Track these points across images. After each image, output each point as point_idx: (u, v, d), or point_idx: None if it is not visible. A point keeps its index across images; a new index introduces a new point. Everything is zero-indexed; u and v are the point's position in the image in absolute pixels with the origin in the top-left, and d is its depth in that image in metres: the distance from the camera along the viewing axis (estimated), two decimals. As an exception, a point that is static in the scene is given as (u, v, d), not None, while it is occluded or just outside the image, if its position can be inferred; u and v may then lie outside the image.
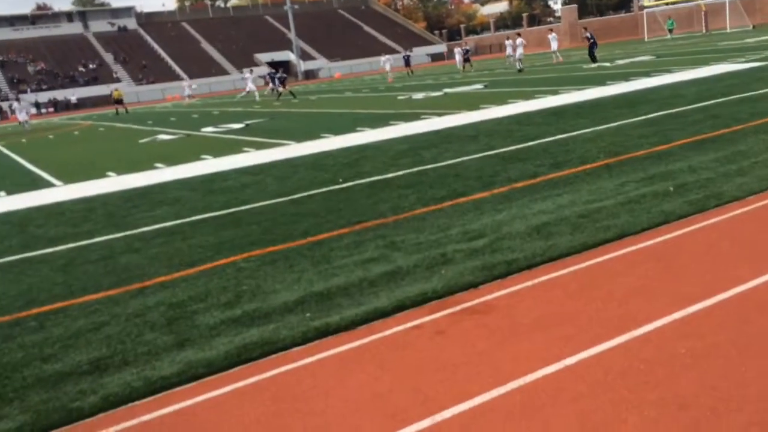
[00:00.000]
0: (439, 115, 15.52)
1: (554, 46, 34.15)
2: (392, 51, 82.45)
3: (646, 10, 55.18)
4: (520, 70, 29.26)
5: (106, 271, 5.94)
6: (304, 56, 74.00)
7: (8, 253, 7.00)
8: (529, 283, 4.49)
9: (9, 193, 11.57)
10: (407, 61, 45.58)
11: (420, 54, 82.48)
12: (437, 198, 7.16)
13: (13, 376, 3.93)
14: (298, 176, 9.68)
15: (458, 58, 41.14)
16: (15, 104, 32.48)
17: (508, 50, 35.15)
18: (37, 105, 60.05)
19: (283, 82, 33.63)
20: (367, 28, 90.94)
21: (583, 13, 78.50)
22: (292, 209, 7.57)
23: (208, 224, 7.32)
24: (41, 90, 65.16)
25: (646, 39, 50.11)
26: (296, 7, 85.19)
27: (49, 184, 12.13)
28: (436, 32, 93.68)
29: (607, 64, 26.03)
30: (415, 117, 15.74)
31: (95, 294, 5.32)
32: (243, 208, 7.97)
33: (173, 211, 8.22)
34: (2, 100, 63.04)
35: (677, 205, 5.68)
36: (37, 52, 74.00)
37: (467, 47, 39.39)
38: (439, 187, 7.66)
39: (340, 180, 8.89)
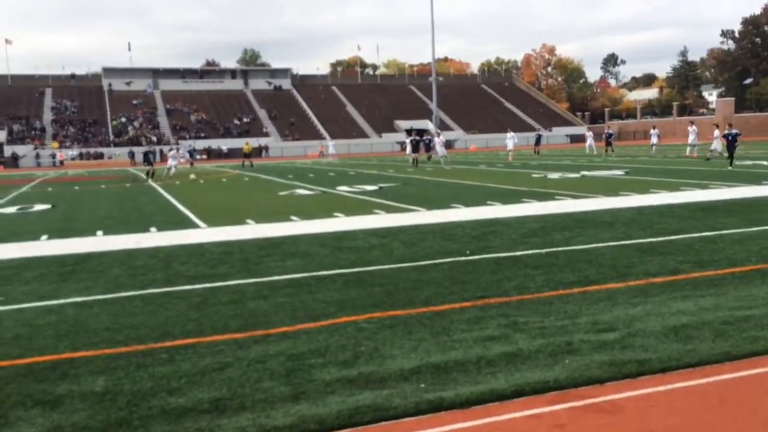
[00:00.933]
0: (575, 197, 15.14)
1: (691, 138, 32.02)
2: (531, 129, 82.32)
3: (812, 109, 51.49)
4: (707, 159, 27.65)
5: (234, 314, 6.20)
6: (442, 126, 75.56)
7: (152, 286, 7.53)
8: (662, 388, 4.16)
9: (159, 229, 12.53)
10: (537, 140, 45.24)
11: (560, 134, 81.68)
12: (566, 282, 6.90)
13: (140, 405, 4.15)
14: (425, 243, 9.73)
15: (589, 141, 40.20)
16: (173, 151, 35.50)
17: (653, 139, 33.92)
18: (192, 153, 65.43)
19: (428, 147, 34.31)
20: (507, 104, 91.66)
21: (740, 107, 74.61)
22: (415, 275, 7.59)
23: (334, 281, 7.49)
24: (199, 138, 70.96)
25: (810, 139, 46.48)
26: (441, 79, 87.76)
27: (195, 225, 13.01)
28: (579, 114, 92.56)
29: (765, 163, 24.36)
30: (549, 197, 15.45)
31: (223, 335, 5.55)
32: (368, 268, 8.10)
33: (303, 264, 8.51)
34: (164, 144, 69.20)
35: (842, 325, 5.09)
36: (201, 104, 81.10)
37: (610, 131, 38.35)
38: (569, 272, 7.39)
39: (468, 252, 8.83)
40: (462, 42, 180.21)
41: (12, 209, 17.53)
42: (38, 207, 17.87)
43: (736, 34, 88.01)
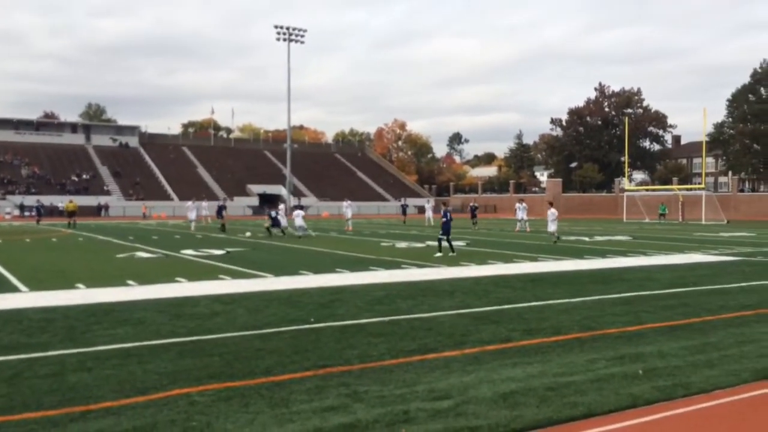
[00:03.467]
0: (419, 266, 15.68)
1: (520, 215, 33.87)
2: (382, 198, 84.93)
3: (626, 194, 58.00)
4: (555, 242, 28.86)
5: (51, 389, 5.63)
6: (296, 192, 75.88)
7: (-47, 357, 6.68)
8: (490, 455, 4.30)
9: (-28, 292, 11.27)
10: (404, 210, 47.00)
11: (408, 204, 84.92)
12: (407, 350, 7.04)
13: None
14: (269, 310, 9.54)
15: (428, 213, 42.18)
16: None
17: (519, 214, 33.75)
18: (22, 207, 60.19)
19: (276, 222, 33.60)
20: (360, 174, 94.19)
21: (567, 187, 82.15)
22: (258, 344, 7.39)
23: (168, 350, 7.08)
24: (30, 193, 65.58)
25: (624, 220, 52.14)
26: (296, 146, 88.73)
27: (15, 289, 11.84)
28: (426, 186, 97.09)
29: (586, 239, 26.81)
30: (396, 265, 15.88)
31: (35, 412, 5.01)
32: (208, 337, 7.77)
33: (135, 332, 7.98)
34: (-11, 198, 63.11)
35: (646, 390, 5.61)
36: (35, 157, 75.37)
37: (475, 204, 40.25)
38: (410, 340, 7.56)
39: (312, 320, 8.77)
40: (318, 111, 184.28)
41: None
42: None
43: (564, 123, 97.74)
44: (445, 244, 18.40)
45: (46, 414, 4.98)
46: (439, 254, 18.07)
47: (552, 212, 24.03)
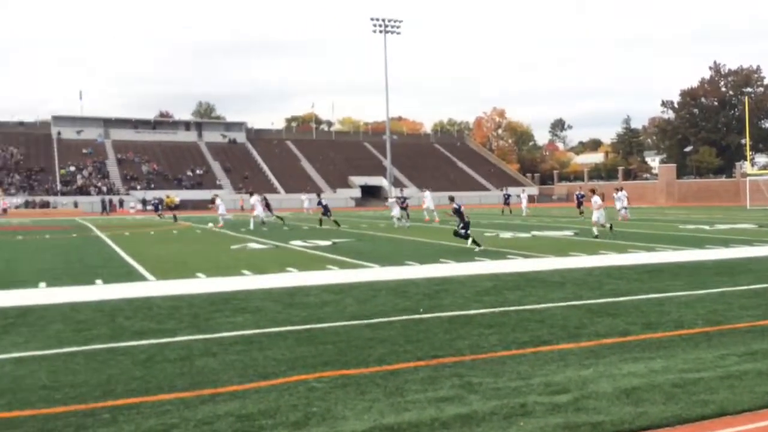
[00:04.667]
0: (526, 257, 15.39)
1: (619, 204, 32.32)
2: (483, 188, 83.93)
3: (748, 178, 54.16)
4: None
5: (182, 372, 5.99)
6: (396, 183, 76.41)
7: (96, 341, 7.23)
8: (615, 451, 4.16)
9: (105, 281, 12.15)
10: (506, 200, 45.86)
11: (512, 194, 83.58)
12: (519, 342, 6.93)
13: (78, 468, 3.92)
14: (378, 300, 9.68)
15: (524, 202, 40.96)
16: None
17: (618, 203, 32.26)
18: (144, 202, 64.22)
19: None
20: (460, 164, 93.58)
21: (682, 173, 77.89)
22: (368, 333, 7.52)
23: (285, 338, 7.35)
24: (150, 189, 69.86)
25: (748, 206, 48.71)
26: (395, 137, 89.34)
27: (143, 278, 12.67)
28: (528, 175, 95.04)
29: (706, 227, 25.34)
30: (501, 256, 15.67)
31: (169, 394, 5.35)
32: (320, 325, 7.99)
33: (253, 320, 8.34)
34: (114, 194, 67.89)
35: (784, 388, 5.23)
36: (153, 154, 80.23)
37: (581, 192, 38.05)
38: (521, 331, 7.44)
39: (421, 310, 8.82)
40: (416, 102, 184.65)
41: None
42: (-24, 256, 17.16)
43: (676, 105, 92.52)
44: (468, 239, 17.80)
45: (178, 396, 5.30)
46: (478, 248, 17.00)
47: (595, 200, 22.31)
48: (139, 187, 70.63)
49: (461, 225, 17.82)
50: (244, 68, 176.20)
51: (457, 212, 18.04)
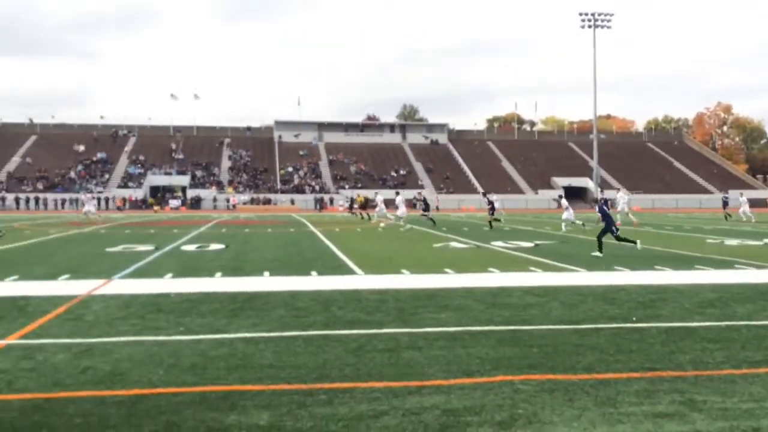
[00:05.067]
0: (759, 267, 13.77)
1: None
2: (703, 190, 76.77)
3: None
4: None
5: (390, 362, 6.24)
6: (603, 185, 72.70)
7: (312, 328, 7.81)
8: None
9: (320, 273, 13.07)
10: (725, 203, 41.61)
11: (734, 198, 75.52)
12: (752, 361, 6.21)
13: (300, 442, 4.25)
14: (585, 306, 9.27)
15: (743, 207, 36.06)
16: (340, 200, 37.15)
17: None
18: (352, 200, 67.96)
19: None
20: (677, 164, 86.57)
21: None
22: (576, 339, 7.23)
23: (488, 337, 7.33)
24: (357, 188, 73.89)
25: None
26: (603, 136, 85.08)
27: (352, 272, 13.41)
28: (759, 176, 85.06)
29: None
30: (727, 265, 14.19)
31: (378, 382, 5.59)
32: (524, 327, 7.84)
33: (456, 318, 8.42)
34: (325, 193, 72.86)
35: None
36: (360, 156, 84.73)
37: None
38: (754, 349, 6.66)
39: (634, 319, 8.28)
40: (626, 99, 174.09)
41: (192, 247, 19.17)
42: (214, 246, 19.39)
43: None
44: (621, 241, 16.59)
45: (387, 385, 5.53)
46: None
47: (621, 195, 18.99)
48: (347, 186, 75.05)
49: (611, 228, 16.49)
50: (447, 70, 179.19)
51: (604, 214, 16.75)
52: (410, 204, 32.91)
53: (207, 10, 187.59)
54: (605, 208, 17.09)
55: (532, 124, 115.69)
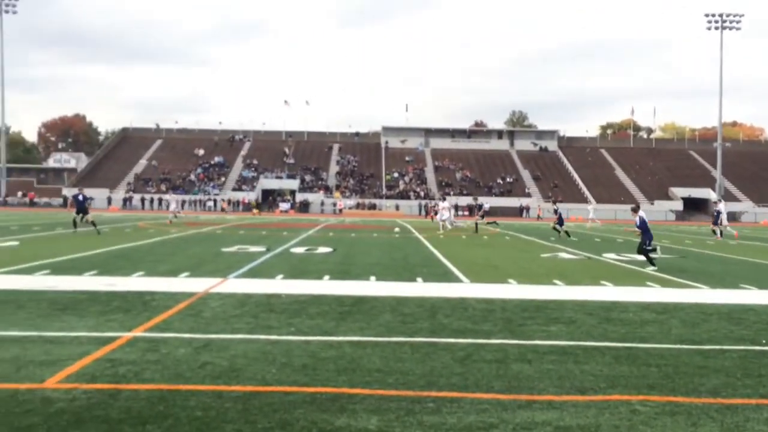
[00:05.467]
0: None
1: None
2: (841, 204, 70.52)
3: None
4: None
5: (498, 374, 6.12)
6: (727, 196, 68.22)
7: (419, 334, 7.80)
8: None
9: (425, 280, 13.06)
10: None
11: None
12: None
13: (409, 449, 4.24)
14: (708, 325, 8.70)
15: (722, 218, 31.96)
16: (442, 204, 37.03)
17: None
18: (456, 207, 67.68)
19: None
20: (811, 175, 79.78)
21: None
22: (699, 360, 6.79)
23: (602, 353, 7.03)
24: (462, 195, 73.47)
25: None
26: (727, 144, 79.93)
27: (458, 279, 13.31)
28: None
29: None
30: None
31: (486, 393, 5.50)
32: (641, 345, 7.46)
33: (567, 331, 8.15)
34: (430, 199, 72.93)
35: None
36: (466, 162, 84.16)
37: None
38: None
39: (764, 341, 7.68)
40: (755, 105, 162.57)
41: (301, 249, 19.75)
42: (322, 249, 19.88)
43: None
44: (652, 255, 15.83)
45: (496, 397, 5.42)
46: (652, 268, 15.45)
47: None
48: (452, 193, 74.81)
49: (647, 242, 16.01)
50: (558, 75, 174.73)
51: (644, 226, 16.10)
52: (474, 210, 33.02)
53: (319, 18, 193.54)
54: (643, 218, 16.38)
55: (650, 131, 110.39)
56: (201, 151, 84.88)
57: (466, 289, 11.96)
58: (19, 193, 74.76)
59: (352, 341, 7.34)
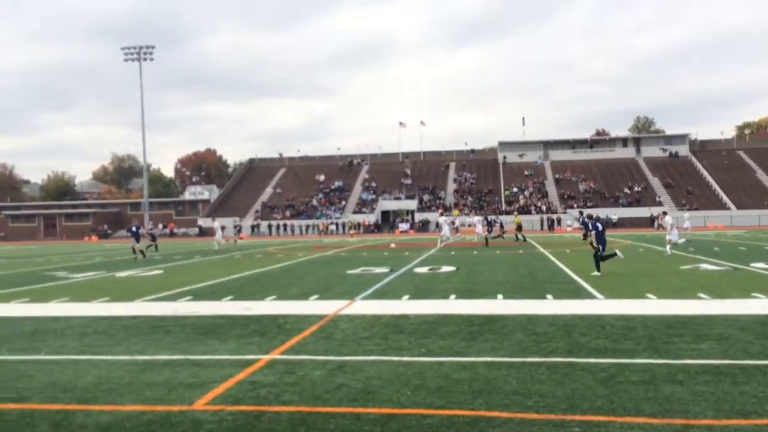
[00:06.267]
0: None
1: None
2: None
3: None
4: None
5: (647, 396, 5.71)
6: None
7: (555, 354, 7.48)
8: None
9: (555, 296, 12.59)
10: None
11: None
12: None
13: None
14: None
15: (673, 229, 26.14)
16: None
17: None
18: (490, 223, 65.36)
19: None
20: None
21: None
22: None
23: (763, 373, 6.40)
24: (586, 207, 70.72)
25: None
26: None
27: (591, 296, 12.71)
28: None
29: None
30: None
31: (636, 417, 5.14)
32: (810, 364, 6.72)
33: (720, 349, 7.51)
34: (552, 213, 70.86)
35: None
36: (589, 173, 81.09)
37: None
38: None
39: None
40: None
41: (424, 269, 19.75)
42: (445, 268, 19.76)
43: None
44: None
45: (647, 421, 5.05)
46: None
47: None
48: (575, 205, 72.23)
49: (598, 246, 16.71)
50: (684, 76, 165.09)
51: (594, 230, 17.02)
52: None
53: (431, 40, 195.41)
54: (596, 224, 17.18)
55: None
56: (322, 177, 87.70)
57: (601, 305, 11.39)
58: (160, 225, 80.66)
59: (485, 362, 7.16)
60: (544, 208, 73.26)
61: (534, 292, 13.40)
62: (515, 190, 79.22)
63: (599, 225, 17.12)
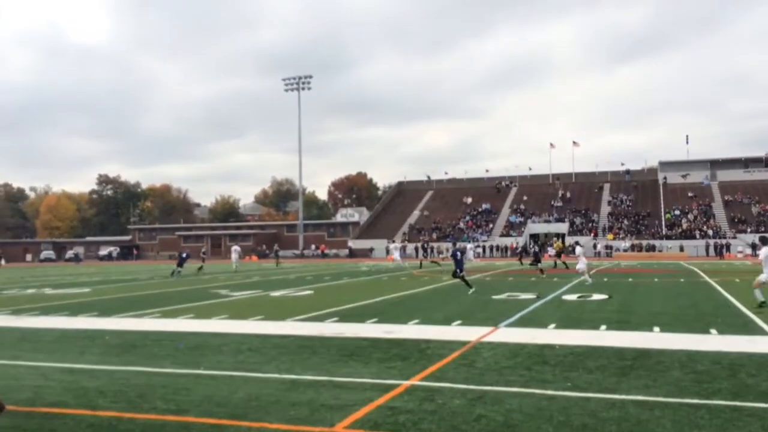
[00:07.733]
0: None
1: None
2: None
3: None
4: None
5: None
6: None
7: (717, 396, 6.82)
8: None
9: (720, 332, 11.51)
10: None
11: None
12: None
13: None
14: None
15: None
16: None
17: None
18: (753, 246, 59.52)
19: None
20: None
21: None
22: None
23: None
24: (759, 231, 64.39)
25: None
26: None
27: (763, 332, 11.48)
28: None
29: None
30: None
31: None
32: None
33: None
34: (721, 238, 65.26)
35: None
36: (764, 194, 73.89)
37: None
38: None
39: None
40: None
41: (574, 296, 18.92)
42: (596, 296, 18.80)
43: None
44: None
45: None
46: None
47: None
48: (748, 230, 66.03)
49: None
50: None
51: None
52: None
53: (586, 58, 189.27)
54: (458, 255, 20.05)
55: None
56: (469, 199, 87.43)
57: (774, 343, 10.25)
58: (313, 246, 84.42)
59: (637, 400, 6.68)
60: (710, 232, 67.72)
61: (696, 325, 12.36)
62: (677, 212, 74.03)
63: (457, 254, 18.23)
